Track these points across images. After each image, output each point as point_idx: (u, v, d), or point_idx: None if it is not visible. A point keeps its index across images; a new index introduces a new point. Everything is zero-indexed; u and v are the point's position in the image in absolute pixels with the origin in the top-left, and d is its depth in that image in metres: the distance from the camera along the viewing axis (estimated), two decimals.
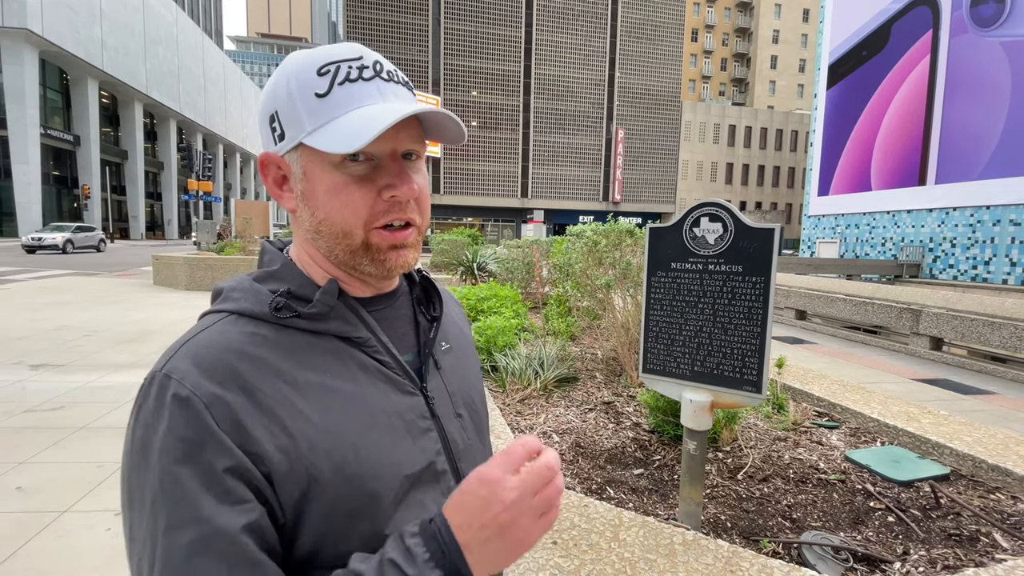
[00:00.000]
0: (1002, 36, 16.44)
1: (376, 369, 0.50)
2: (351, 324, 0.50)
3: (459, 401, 0.57)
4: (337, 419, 0.46)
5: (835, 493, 2.12)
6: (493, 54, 36.57)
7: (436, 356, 0.56)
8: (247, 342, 0.46)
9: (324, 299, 0.48)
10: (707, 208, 1.69)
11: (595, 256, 3.71)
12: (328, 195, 0.48)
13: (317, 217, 0.49)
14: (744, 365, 1.66)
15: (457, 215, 37.46)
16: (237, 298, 0.49)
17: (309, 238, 0.51)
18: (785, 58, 60.42)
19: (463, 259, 8.08)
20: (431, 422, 0.52)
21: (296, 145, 0.48)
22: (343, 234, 0.49)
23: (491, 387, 3.16)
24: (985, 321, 7.28)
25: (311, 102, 0.47)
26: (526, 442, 0.42)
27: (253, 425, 0.42)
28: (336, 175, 0.47)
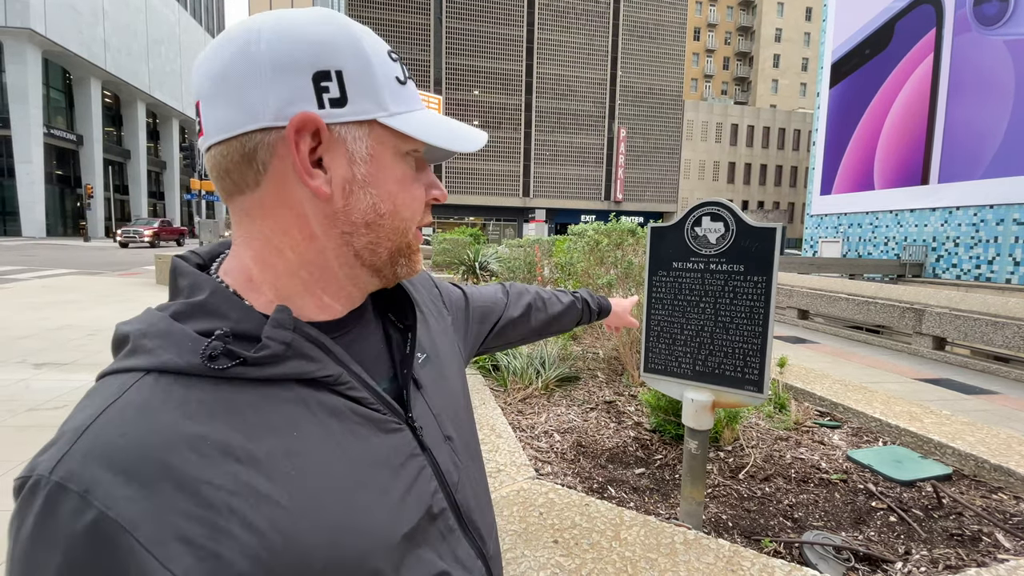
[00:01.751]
0: (1006, 35, 16.37)
1: (351, 411, 0.40)
2: (315, 361, 0.39)
3: (446, 421, 0.49)
4: (314, 492, 0.35)
5: (837, 493, 2.12)
6: (495, 53, 36.57)
7: (416, 374, 0.48)
8: (178, 415, 0.33)
9: (276, 335, 0.37)
10: (709, 207, 1.68)
11: (597, 255, 3.71)
12: (400, 186, 0.43)
13: (380, 208, 0.42)
14: (746, 365, 1.66)
15: (459, 214, 37.48)
16: (152, 348, 0.36)
17: (347, 231, 0.41)
18: (787, 57, 60.25)
19: (465, 258, 8.09)
20: (422, 457, 0.44)
21: (366, 121, 0.40)
22: (402, 231, 0.44)
23: (493, 386, 3.17)
24: (988, 321, 7.26)
25: (393, 83, 0.42)
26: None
27: (203, 537, 0.31)
28: (403, 166, 0.43)
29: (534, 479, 1.90)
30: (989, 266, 17.99)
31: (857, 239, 23.26)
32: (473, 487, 0.50)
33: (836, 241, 24.18)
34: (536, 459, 2.25)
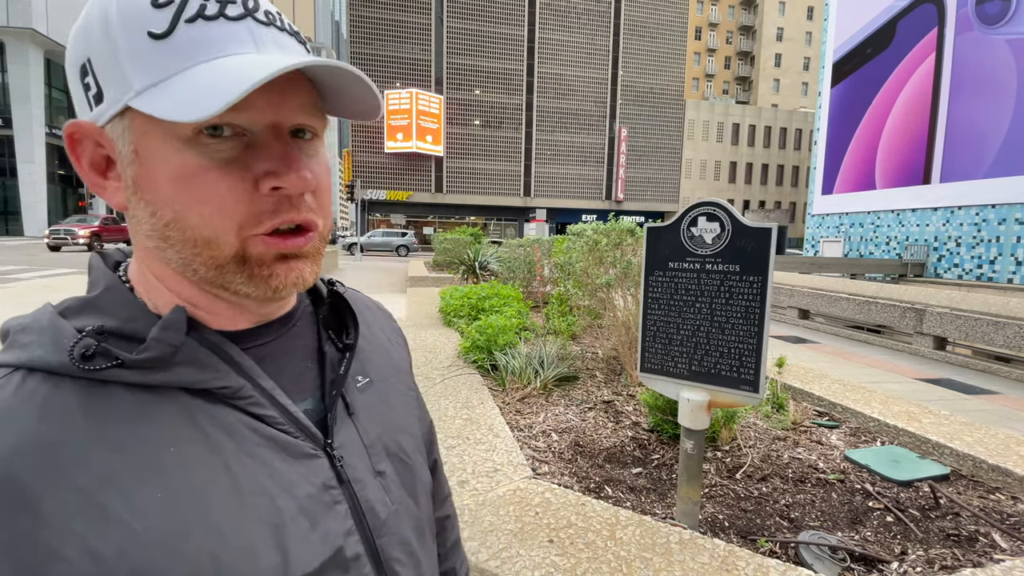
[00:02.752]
0: (1008, 34, 16.32)
1: (251, 430, 0.35)
2: (210, 370, 0.35)
3: (379, 452, 0.43)
4: (183, 520, 0.31)
5: (834, 493, 2.12)
6: (496, 53, 36.57)
7: (348, 397, 0.43)
8: (34, 418, 0.30)
9: (164, 337, 0.33)
10: (705, 207, 1.69)
11: (596, 255, 3.71)
12: (177, 185, 0.33)
13: (161, 218, 0.33)
14: (741, 365, 1.66)
15: (460, 214, 37.51)
16: (26, 343, 0.33)
17: (153, 247, 0.35)
18: (789, 56, 60.16)
19: (465, 258, 8.10)
20: (339, 491, 0.38)
21: (121, 110, 0.32)
22: (204, 242, 0.34)
23: (491, 386, 3.17)
24: (989, 321, 7.25)
25: (142, 45, 0.31)
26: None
27: (30, 558, 0.27)
28: (188, 156, 0.32)
29: (531, 478, 1.91)
30: (991, 266, 17.95)
31: (859, 239, 23.22)
32: (409, 534, 0.43)
33: (837, 241, 24.14)
34: (534, 458, 2.25)
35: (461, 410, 2.61)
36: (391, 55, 35.16)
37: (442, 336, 4.47)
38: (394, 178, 35.81)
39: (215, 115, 0.29)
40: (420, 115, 34.28)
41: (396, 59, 35.22)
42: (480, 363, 3.43)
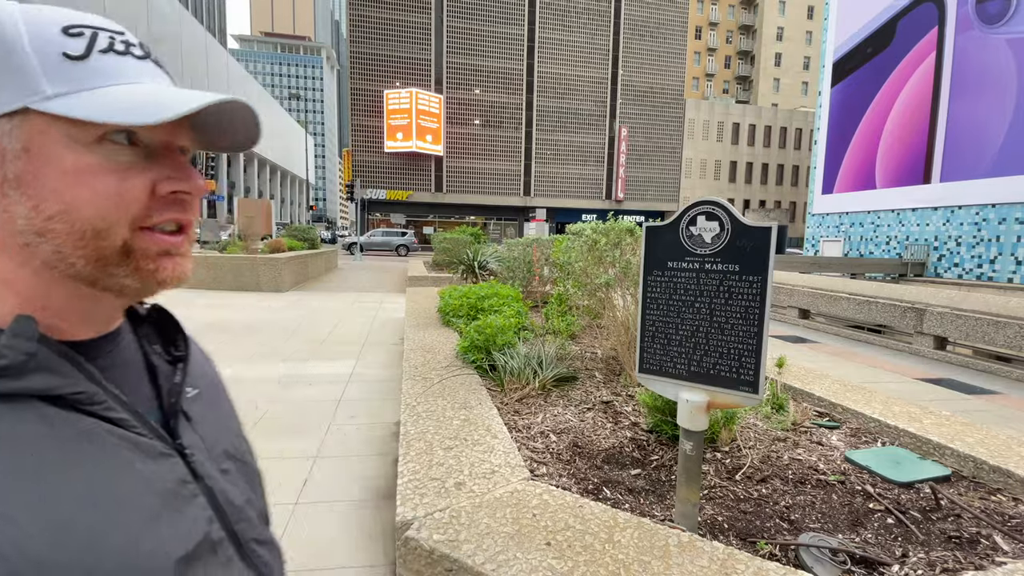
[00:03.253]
0: (1008, 33, 16.30)
1: (108, 433, 0.37)
2: (63, 376, 0.36)
3: (220, 455, 0.48)
4: (68, 516, 0.33)
5: (834, 494, 2.10)
6: (496, 52, 36.55)
7: (184, 406, 0.46)
8: None
9: (17, 344, 0.34)
10: (704, 206, 1.67)
11: (595, 255, 3.70)
12: (72, 180, 0.36)
13: (44, 211, 0.36)
14: (741, 365, 1.65)
15: (460, 214, 37.50)
16: None
17: (20, 243, 0.36)
18: (789, 56, 60.10)
19: (464, 258, 8.08)
20: (195, 485, 0.42)
21: (16, 111, 0.35)
22: (95, 233, 0.36)
23: (489, 386, 3.16)
24: (990, 320, 7.23)
25: (55, 61, 0.35)
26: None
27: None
28: (90, 157, 0.36)
29: (528, 480, 1.89)
30: (991, 265, 17.93)
31: (859, 238, 23.20)
32: (257, 521, 0.50)
33: (838, 240, 24.12)
34: (532, 460, 2.24)
35: (459, 411, 2.60)
36: (391, 54, 35.14)
37: (441, 336, 4.46)
38: (394, 178, 35.80)
39: (164, 120, 0.35)
40: (420, 115, 34.25)
41: (396, 58, 35.21)
42: (478, 363, 3.41)
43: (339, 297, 10.23)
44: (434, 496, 1.74)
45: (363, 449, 3.34)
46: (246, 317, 7.74)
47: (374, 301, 9.70)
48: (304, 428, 3.71)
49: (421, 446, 2.17)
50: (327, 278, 14.03)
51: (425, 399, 2.77)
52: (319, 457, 3.27)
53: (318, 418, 3.89)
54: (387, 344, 6.33)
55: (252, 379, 4.80)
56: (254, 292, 10.41)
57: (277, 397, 4.32)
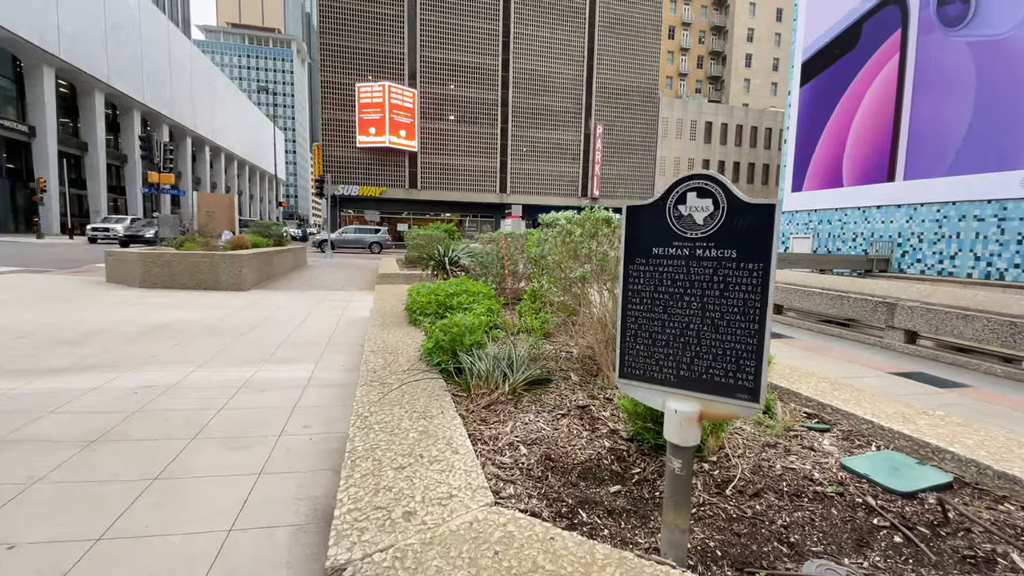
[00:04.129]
0: (968, 36, 16.79)
1: None
2: None
3: None
4: None
5: (834, 508, 1.89)
6: (471, 47, 36.09)
7: None
8: None
9: None
10: (695, 181, 1.42)
11: (569, 247, 3.44)
12: None
13: None
14: (739, 369, 1.40)
15: (435, 210, 36.95)
16: None
17: None
18: (759, 56, 61.36)
19: (434, 253, 7.74)
20: None
21: None
22: None
23: (455, 391, 2.87)
24: (958, 314, 7.30)
25: None
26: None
27: None
28: None
29: (491, 506, 1.61)
30: (951, 261, 18.50)
31: (827, 235, 23.72)
32: None
33: (807, 237, 24.63)
34: (497, 478, 1.96)
35: (417, 421, 2.30)
36: (363, 47, 34.30)
37: (406, 336, 4.14)
38: (367, 173, 34.99)
39: None
40: (393, 109, 33.56)
41: (368, 52, 34.38)
42: (444, 366, 3.12)
43: (305, 296, 9.75)
44: (376, 531, 1.44)
45: (314, 463, 3.01)
46: (201, 317, 7.24)
47: (342, 300, 9.26)
48: (251, 440, 3.36)
49: (368, 466, 1.87)
50: (294, 276, 13.46)
51: (380, 408, 2.46)
52: (264, 473, 2.92)
53: (268, 428, 3.53)
54: (352, 345, 5.96)
55: (198, 385, 4.39)
56: (213, 291, 9.84)
57: (224, 405, 3.94)
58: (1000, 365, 6.61)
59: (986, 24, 16.16)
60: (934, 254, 19.12)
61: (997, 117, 16.14)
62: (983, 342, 7.03)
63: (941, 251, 18.84)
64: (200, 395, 4.14)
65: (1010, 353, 6.97)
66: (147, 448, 3.17)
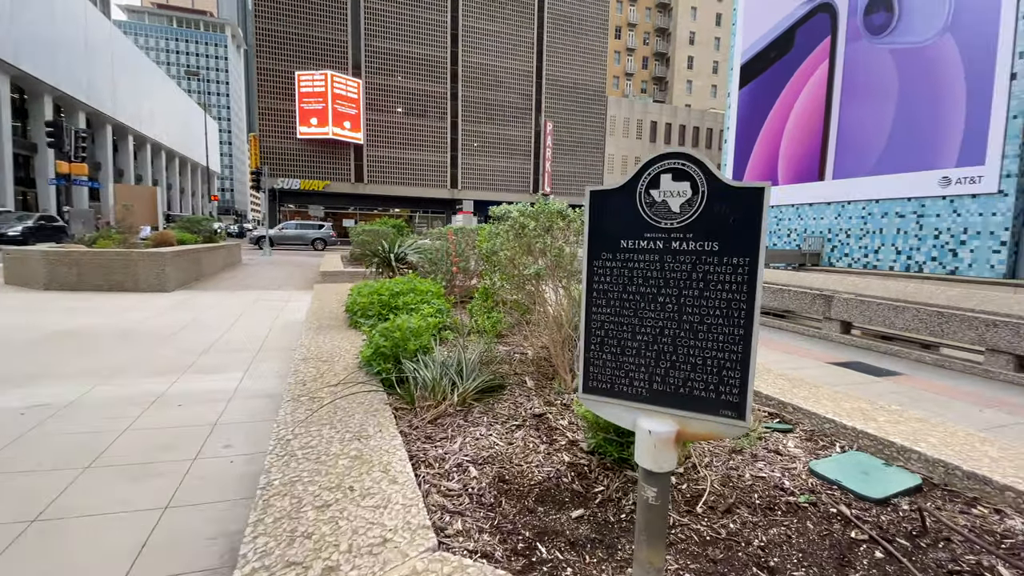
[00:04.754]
0: (891, 44, 17.98)
1: None
2: None
3: None
4: None
5: (809, 522, 1.75)
6: (418, 38, 35.19)
7: None
8: None
9: None
10: (669, 161, 1.20)
11: (523, 242, 3.20)
12: None
13: None
14: (721, 381, 1.20)
15: (383, 205, 35.85)
16: None
17: None
18: (700, 59, 63.75)
19: (378, 250, 7.30)
20: None
21: None
22: None
23: (397, 405, 2.56)
24: (890, 305, 7.68)
25: None
26: None
27: None
28: None
29: (434, 551, 1.34)
30: (875, 255, 19.84)
31: None
32: None
33: None
34: (443, 510, 1.68)
35: (350, 444, 1.98)
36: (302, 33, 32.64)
37: (344, 341, 3.77)
38: (309, 166, 33.41)
39: None
40: (336, 99, 32.18)
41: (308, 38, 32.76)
42: (385, 375, 2.80)
43: (237, 296, 9.01)
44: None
45: (234, 491, 2.61)
46: (113, 322, 6.47)
47: (279, 300, 8.62)
48: (159, 466, 2.90)
49: (285, 505, 1.54)
50: (226, 275, 12.50)
51: (307, 429, 2.12)
52: (171, 507, 2.50)
53: (181, 451, 3.08)
54: (289, 350, 5.47)
55: (101, 402, 3.82)
56: (132, 293, 8.91)
57: (130, 426, 3.42)
58: (928, 353, 6.99)
59: (908, 32, 17.37)
60: (860, 248, 20.44)
61: (916, 121, 17.42)
62: (912, 331, 7.43)
63: (866, 246, 20.17)
64: (102, 414, 3.59)
65: (933, 340, 7.42)
66: (28, 482, 2.66)
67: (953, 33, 16.47)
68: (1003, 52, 15.29)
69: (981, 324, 6.45)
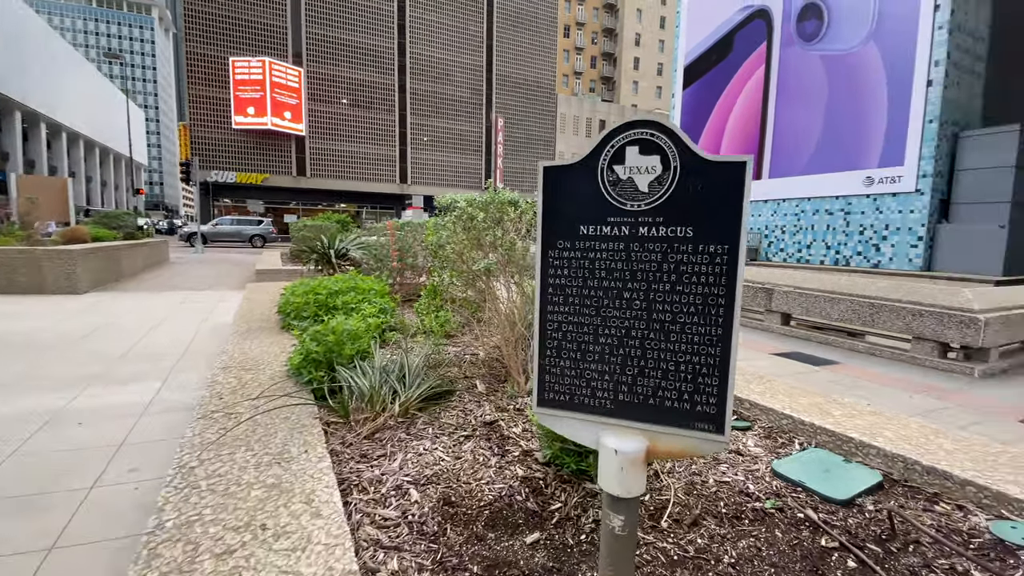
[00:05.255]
0: (822, 50, 19.03)
1: None
2: None
3: None
4: None
5: (778, 531, 1.64)
6: (363, 27, 33.97)
7: None
8: None
9: None
10: (636, 130, 1.01)
11: (472, 235, 2.97)
12: None
13: None
14: (696, 389, 1.03)
15: (328, 200, 34.43)
16: None
17: None
18: (646, 61, 65.52)
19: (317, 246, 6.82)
20: None
21: None
22: None
23: (329, 419, 2.27)
24: (826, 297, 8.04)
25: None
26: None
27: None
28: None
29: None
30: (808, 250, 21.02)
31: None
32: None
33: None
34: (376, 545, 1.44)
35: (268, 469, 1.69)
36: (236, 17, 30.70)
37: (274, 346, 3.40)
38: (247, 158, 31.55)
39: None
40: (276, 88, 30.54)
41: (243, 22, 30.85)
42: (317, 384, 2.49)
43: (161, 297, 8.23)
44: None
45: (136, 524, 2.24)
46: (7, 328, 5.69)
47: (209, 301, 7.94)
48: (47, 497, 2.47)
49: (176, 555, 1.25)
50: (150, 275, 11.48)
51: (217, 452, 1.81)
52: (58, 548, 2.10)
53: (77, 477, 2.64)
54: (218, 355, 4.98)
55: None
56: (36, 295, 7.95)
57: (16, 450, 2.93)
58: (860, 342, 7.34)
59: (837, 40, 18.44)
60: (794, 244, 21.60)
61: (843, 123, 18.55)
62: (847, 321, 7.81)
63: (799, 241, 21.33)
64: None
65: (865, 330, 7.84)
66: None
67: (877, 42, 17.64)
68: (920, 60, 16.52)
69: (908, 314, 6.83)
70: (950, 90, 16.37)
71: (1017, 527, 1.60)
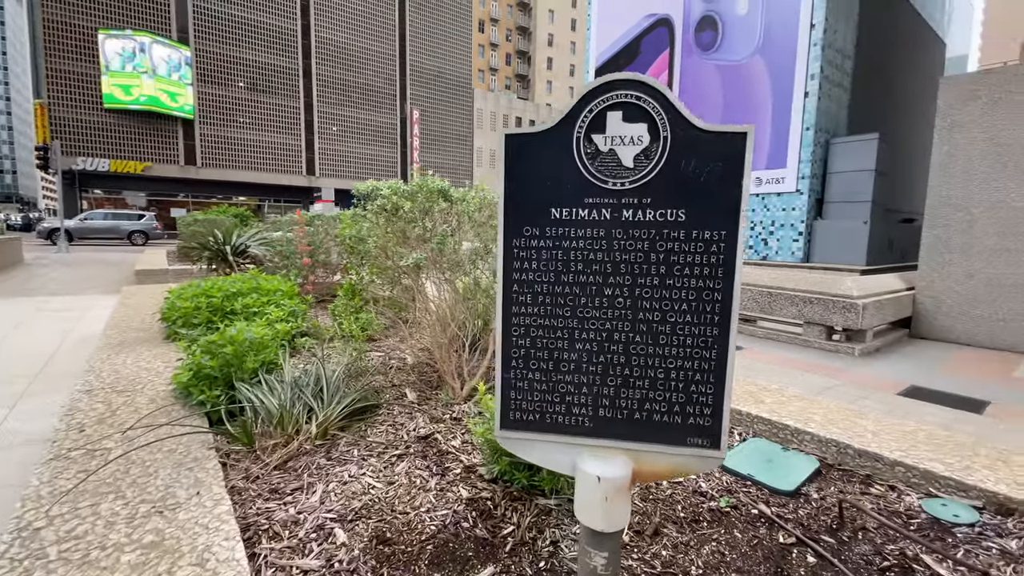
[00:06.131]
0: (717, 60, 20.56)
1: None
2: None
3: None
4: None
5: (736, 531, 1.59)
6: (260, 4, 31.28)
7: None
8: None
9: None
10: (618, 91, 0.84)
11: (397, 227, 2.68)
12: None
13: None
14: (689, 400, 0.89)
15: (224, 192, 31.38)
16: None
17: None
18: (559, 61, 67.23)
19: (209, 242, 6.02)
20: None
21: None
22: None
23: (228, 449, 1.89)
24: None
25: None
26: None
27: None
28: None
29: None
30: None
31: None
32: None
33: None
34: None
35: (145, 522, 1.33)
36: None
37: (156, 360, 2.86)
38: (123, 144, 27.78)
39: None
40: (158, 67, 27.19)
41: None
42: (212, 406, 2.09)
43: (10, 305, 6.87)
44: None
45: None
46: None
47: (76, 308, 6.75)
48: None
49: None
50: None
51: (74, 504, 1.40)
52: None
53: None
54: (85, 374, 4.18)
55: None
56: None
57: None
58: (757, 328, 7.97)
59: (730, 51, 20.04)
60: None
61: None
62: (748, 309, 8.46)
63: None
64: None
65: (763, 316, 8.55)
66: None
67: (763, 55, 19.44)
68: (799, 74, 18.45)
69: (800, 301, 7.52)
70: (823, 101, 18.45)
71: (947, 504, 1.68)
